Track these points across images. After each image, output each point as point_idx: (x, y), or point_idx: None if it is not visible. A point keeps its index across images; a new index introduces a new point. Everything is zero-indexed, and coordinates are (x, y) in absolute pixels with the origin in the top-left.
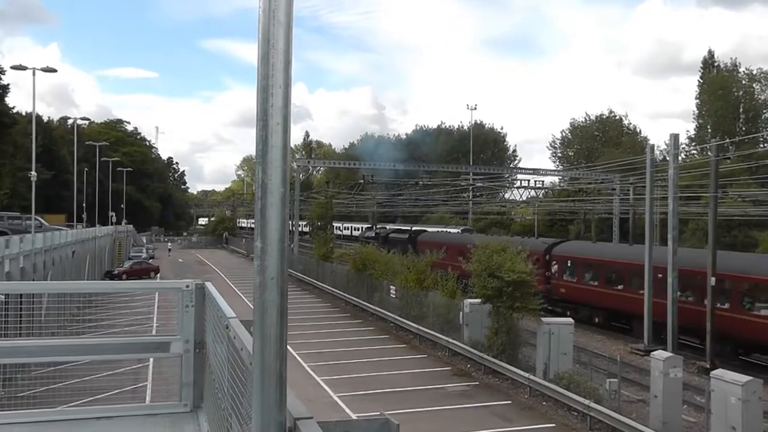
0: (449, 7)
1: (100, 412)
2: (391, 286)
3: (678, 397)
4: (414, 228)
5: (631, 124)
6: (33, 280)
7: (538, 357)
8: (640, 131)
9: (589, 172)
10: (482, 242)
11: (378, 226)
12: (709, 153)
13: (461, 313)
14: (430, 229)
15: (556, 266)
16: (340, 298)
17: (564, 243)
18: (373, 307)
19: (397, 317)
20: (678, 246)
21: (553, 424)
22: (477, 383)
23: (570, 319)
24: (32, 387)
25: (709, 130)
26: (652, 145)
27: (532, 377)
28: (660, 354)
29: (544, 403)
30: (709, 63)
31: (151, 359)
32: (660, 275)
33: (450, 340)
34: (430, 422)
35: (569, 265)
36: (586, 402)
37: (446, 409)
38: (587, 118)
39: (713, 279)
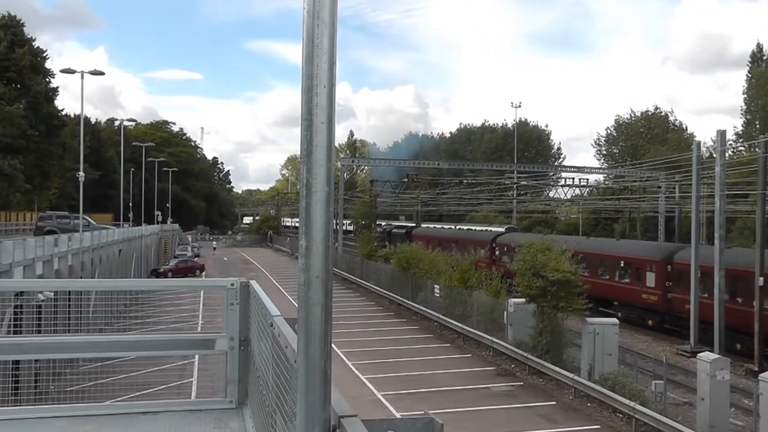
0: (491, 3)
1: (146, 407)
2: (435, 285)
3: (725, 399)
4: (410, 224)
5: (676, 120)
6: (81, 277)
7: (582, 357)
8: (686, 128)
9: (634, 170)
10: (462, 234)
11: (384, 223)
12: (757, 149)
13: (505, 312)
14: (425, 225)
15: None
16: (384, 297)
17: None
18: (417, 306)
19: (441, 316)
20: (724, 245)
21: (598, 426)
22: (521, 383)
23: (615, 320)
24: (81, 382)
25: (758, 126)
26: (699, 142)
27: (576, 378)
28: (707, 356)
29: (588, 404)
30: (757, 57)
31: (197, 356)
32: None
33: (494, 339)
34: (475, 422)
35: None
36: (632, 404)
37: (490, 409)
38: (632, 115)
39: (761, 279)
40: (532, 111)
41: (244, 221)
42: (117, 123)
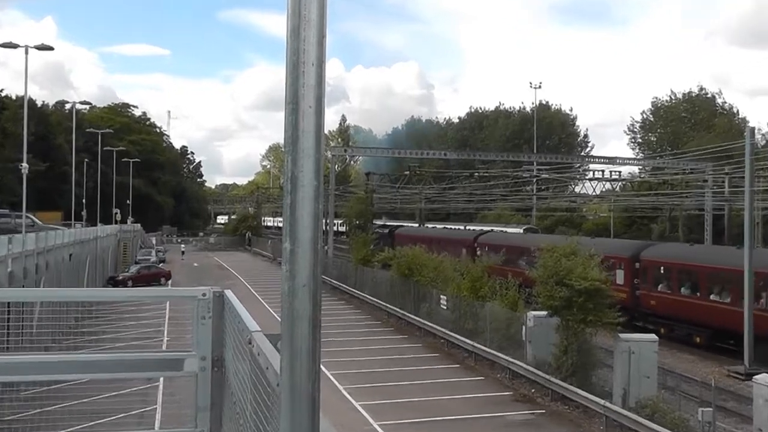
0: None
1: None
2: (442, 296)
3: None
4: (394, 224)
5: (725, 102)
6: (23, 286)
7: (615, 380)
8: (737, 111)
9: (675, 161)
10: (444, 234)
11: (380, 223)
12: None
13: (524, 327)
14: (406, 224)
15: (646, 274)
16: (381, 309)
17: (655, 246)
18: (420, 319)
19: (448, 332)
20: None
21: None
22: (543, 411)
23: (653, 336)
24: (22, 410)
25: None
26: (753, 128)
27: (608, 404)
28: (764, 378)
29: None
30: None
31: (162, 379)
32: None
33: (511, 359)
34: None
35: (663, 272)
36: None
37: None
38: (673, 97)
39: None
40: (555, 92)
41: (218, 221)
42: (68, 106)
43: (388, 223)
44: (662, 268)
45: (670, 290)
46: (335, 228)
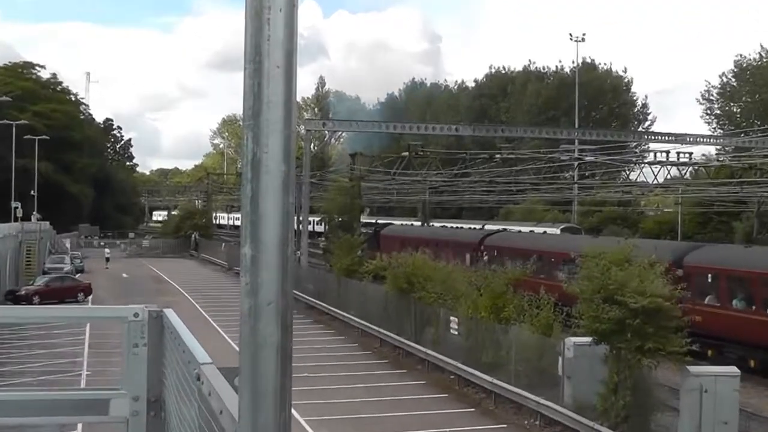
0: None
1: None
2: (452, 317)
3: None
4: (382, 221)
5: None
6: None
7: (681, 428)
8: None
9: (766, 138)
10: (443, 234)
11: (371, 220)
12: None
13: (560, 358)
14: (399, 223)
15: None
16: (372, 335)
17: (703, 248)
18: (423, 349)
19: (460, 365)
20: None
21: None
22: None
23: (734, 368)
24: None
25: None
26: None
27: None
28: None
29: None
30: None
31: (80, 426)
32: None
33: (543, 400)
34: None
35: (710, 281)
36: None
37: None
38: (764, 55)
39: None
40: (603, 47)
41: (154, 218)
42: None
43: (373, 221)
44: (710, 275)
45: (719, 303)
46: (311, 227)
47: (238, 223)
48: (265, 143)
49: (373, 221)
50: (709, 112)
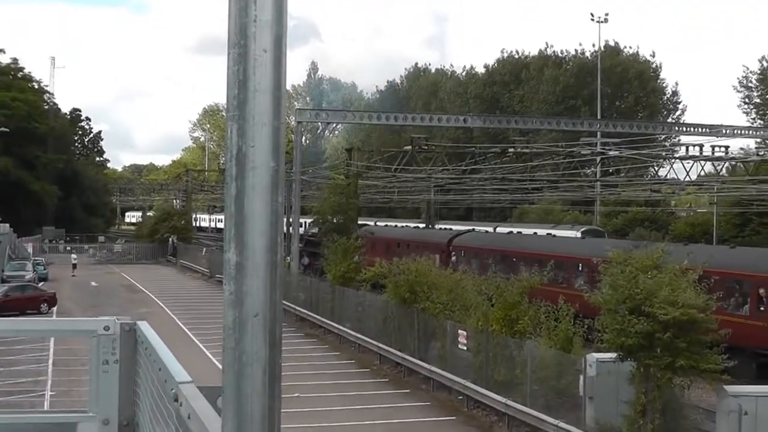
0: None
1: None
2: (461, 331)
3: None
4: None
5: None
6: None
7: None
8: None
9: None
10: (411, 235)
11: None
12: None
13: (582, 377)
14: (372, 224)
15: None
16: (371, 351)
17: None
18: (427, 366)
19: (469, 384)
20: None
21: None
22: None
23: None
24: None
25: None
26: None
27: None
28: None
29: None
30: None
31: None
32: None
33: (562, 424)
34: None
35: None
36: None
37: None
38: None
39: None
40: (627, 29)
41: (127, 219)
42: None
43: (372, 222)
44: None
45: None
46: (303, 230)
47: (221, 225)
48: (252, 136)
49: (372, 223)
50: (747, 100)
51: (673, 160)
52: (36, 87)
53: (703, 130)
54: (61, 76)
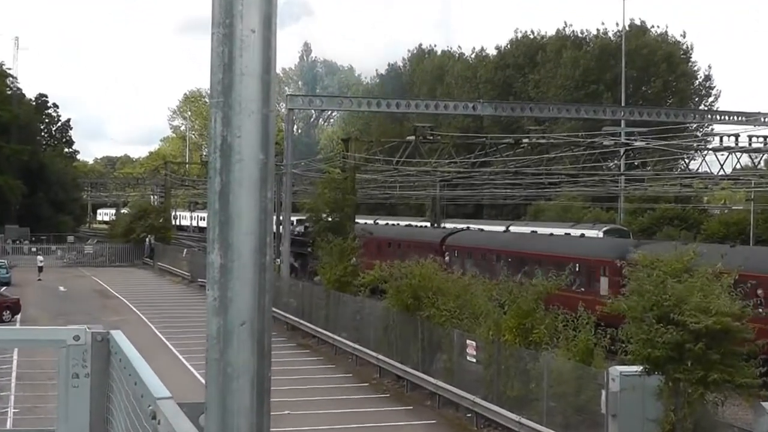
0: None
1: None
2: (469, 341)
3: None
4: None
5: None
6: None
7: None
8: None
9: None
10: (400, 234)
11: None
12: None
13: (604, 392)
14: (360, 221)
15: None
16: (370, 363)
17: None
18: (433, 380)
19: (479, 400)
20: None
21: None
22: None
23: None
24: None
25: None
26: None
27: None
28: None
29: None
30: None
31: None
32: None
33: None
34: None
35: None
36: None
37: None
38: None
39: None
40: (655, 6)
41: (99, 217)
42: None
43: (372, 221)
44: None
45: None
46: (294, 230)
47: (203, 224)
48: (238, 125)
49: (372, 221)
50: None
51: (705, 152)
52: None
53: (739, 118)
54: (25, 59)
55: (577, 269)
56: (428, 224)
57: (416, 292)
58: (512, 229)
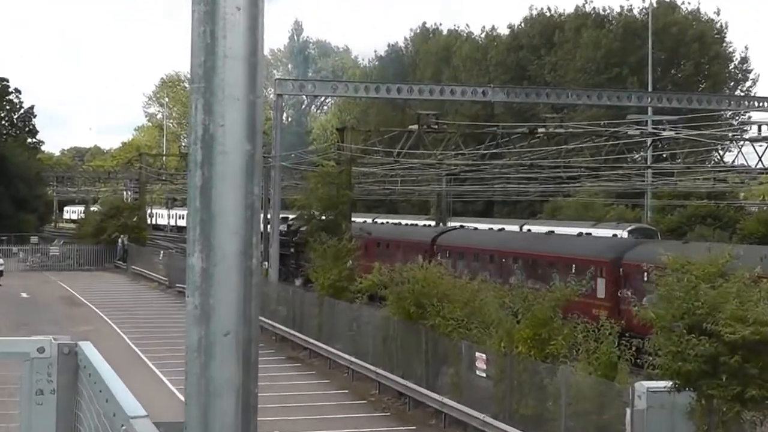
0: None
1: None
2: (479, 354)
3: None
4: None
5: None
6: None
7: None
8: None
9: None
10: (388, 233)
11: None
12: None
13: (628, 411)
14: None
15: None
16: (368, 378)
17: None
18: (438, 397)
19: (489, 419)
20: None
21: None
22: None
23: None
24: None
25: None
26: None
27: None
28: None
29: None
30: None
31: None
32: None
33: None
34: None
35: None
36: None
37: None
38: None
39: None
40: None
41: (67, 215)
42: None
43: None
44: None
45: None
46: (284, 228)
47: (182, 222)
48: (221, 113)
49: (362, 220)
50: None
51: (742, 143)
52: None
53: None
54: None
55: (573, 270)
56: (419, 223)
57: (419, 299)
58: (527, 228)
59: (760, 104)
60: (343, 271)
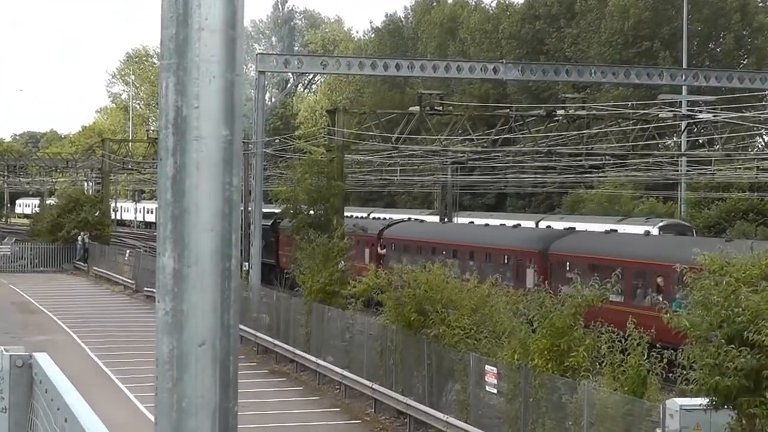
0: None
1: None
2: (489, 367)
3: None
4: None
5: None
6: None
7: None
8: None
9: None
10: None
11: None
12: None
13: (659, 431)
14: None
15: None
16: (363, 395)
17: None
18: (443, 417)
19: None
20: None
21: None
22: None
23: None
24: None
25: None
26: None
27: None
28: None
29: None
30: None
31: None
32: None
33: None
34: None
35: None
36: None
37: None
38: None
39: None
40: None
41: (19, 209)
42: None
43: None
44: None
45: None
46: (267, 224)
47: (152, 218)
48: (196, 93)
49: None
50: None
51: None
52: None
53: None
54: None
55: (506, 261)
56: (455, 220)
57: (422, 305)
58: (544, 224)
59: None
60: (334, 273)
